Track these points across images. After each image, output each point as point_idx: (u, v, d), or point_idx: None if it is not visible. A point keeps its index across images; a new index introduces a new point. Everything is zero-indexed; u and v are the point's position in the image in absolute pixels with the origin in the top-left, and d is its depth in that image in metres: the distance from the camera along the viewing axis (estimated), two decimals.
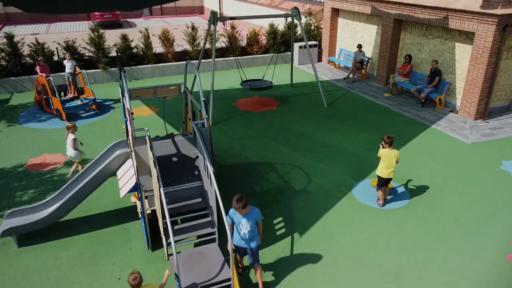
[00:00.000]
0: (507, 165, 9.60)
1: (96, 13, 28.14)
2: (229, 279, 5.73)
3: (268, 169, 9.53)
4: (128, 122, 6.45)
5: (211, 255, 6.18)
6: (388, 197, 8.33)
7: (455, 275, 6.35)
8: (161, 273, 6.42)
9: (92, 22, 29.08)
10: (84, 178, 7.27)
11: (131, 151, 6.81)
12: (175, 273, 5.52)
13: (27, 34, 26.90)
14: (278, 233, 7.37)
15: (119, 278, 6.35)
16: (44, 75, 12.43)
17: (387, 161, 7.68)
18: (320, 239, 7.18)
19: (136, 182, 6.54)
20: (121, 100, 7.75)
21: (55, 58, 15.72)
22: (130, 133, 6.42)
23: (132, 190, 6.69)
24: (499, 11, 10.71)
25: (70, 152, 8.90)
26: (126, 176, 6.93)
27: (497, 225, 7.49)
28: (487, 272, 6.42)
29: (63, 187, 7.34)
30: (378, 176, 7.94)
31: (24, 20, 32.15)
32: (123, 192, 6.76)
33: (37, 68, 12.65)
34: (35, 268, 6.61)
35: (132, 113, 6.54)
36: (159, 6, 35.16)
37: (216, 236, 6.48)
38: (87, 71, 15.33)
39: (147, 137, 6.19)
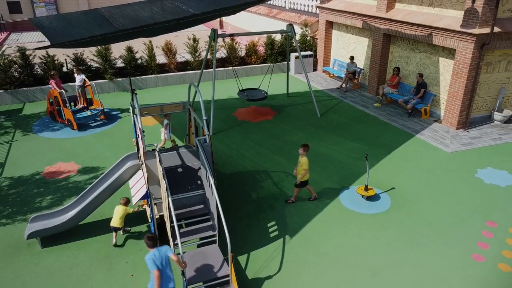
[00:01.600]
0: (482, 173, 10.52)
1: None
2: (228, 275, 6.66)
3: (264, 177, 10.46)
4: (140, 139, 7.38)
5: (212, 255, 7.12)
6: (371, 202, 9.27)
7: (425, 273, 7.27)
8: None
9: None
10: (99, 187, 8.20)
11: (142, 163, 7.74)
12: (182, 270, 6.44)
13: (33, 41, 27.89)
14: (272, 235, 8.30)
15: (132, 275, 7.28)
16: (58, 90, 13.32)
17: (308, 166, 8.89)
18: (308, 241, 8.10)
19: (146, 191, 7.47)
20: (132, 118, 8.67)
21: (64, 69, 16.65)
22: (141, 149, 7.35)
23: (143, 198, 7.62)
24: (476, 30, 11.64)
25: (164, 134, 10.47)
26: (138, 186, 7.85)
27: (466, 229, 8.41)
28: (454, 269, 7.34)
29: (84, 191, 8.26)
30: (302, 181, 9.04)
31: (29, 27, 33.09)
32: (135, 200, 7.69)
33: (52, 82, 13.56)
34: (57, 267, 7.53)
35: (143, 131, 7.47)
36: None
37: (217, 238, 7.41)
38: (94, 81, 16.28)
39: (157, 153, 7.12)
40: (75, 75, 14.17)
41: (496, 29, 11.83)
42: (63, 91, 13.39)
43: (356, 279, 7.15)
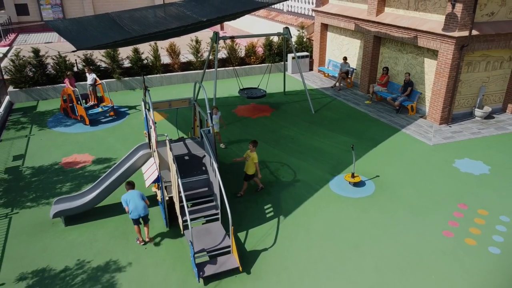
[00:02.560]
0: (459, 163, 11.61)
1: None
2: (229, 246, 7.75)
3: (261, 166, 11.52)
4: (152, 130, 8.46)
5: (215, 230, 8.20)
6: (357, 188, 10.35)
7: (400, 246, 8.35)
8: (176, 245, 8.43)
9: None
10: (115, 173, 9.28)
11: (153, 151, 8.82)
12: (190, 241, 7.52)
13: (41, 42, 28.96)
14: (267, 216, 9.37)
15: (145, 248, 8.35)
16: (72, 88, 14.44)
17: (256, 160, 9.68)
18: (299, 221, 9.19)
19: (158, 175, 8.54)
20: (144, 112, 9.74)
21: (75, 69, 17.74)
22: (153, 138, 8.43)
23: (155, 181, 8.69)
24: (456, 33, 12.72)
25: (217, 125, 11.98)
26: (150, 171, 8.93)
27: (440, 210, 9.49)
28: (426, 243, 8.41)
29: (102, 177, 9.34)
30: (249, 175, 9.81)
31: (37, 28, 34.17)
32: (147, 183, 8.76)
33: (66, 81, 14.68)
34: (80, 242, 8.61)
35: (155, 123, 8.55)
36: None
37: (219, 216, 8.49)
38: (103, 80, 17.34)
39: (167, 141, 8.20)
40: (87, 74, 15.27)
41: (475, 32, 12.91)
42: (76, 89, 14.48)
43: (341, 251, 8.23)
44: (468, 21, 12.69)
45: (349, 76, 18.30)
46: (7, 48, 26.82)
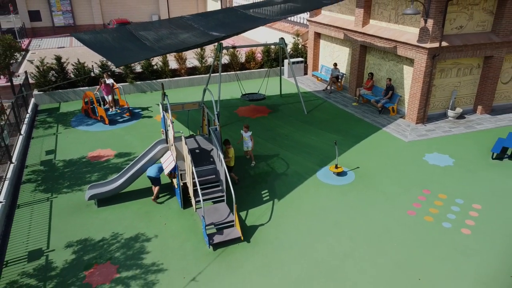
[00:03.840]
0: (428, 157, 13.57)
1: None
2: (233, 221, 9.72)
3: (259, 159, 13.50)
4: (170, 128, 10.42)
5: (221, 208, 10.17)
6: (340, 177, 12.31)
7: (372, 223, 10.30)
8: (190, 221, 10.38)
9: None
10: (138, 164, 11.24)
11: (171, 145, 10.78)
12: (202, 216, 9.47)
13: (53, 47, 30.91)
14: (264, 199, 11.33)
15: (165, 224, 10.31)
16: (97, 92, 16.46)
17: (232, 155, 11.38)
18: (291, 203, 11.14)
19: (174, 166, 10.50)
20: (162, 113, 11.68)
21: (92, 74, 19.70)
22: (171, 135, 10.38)
23: (172, 170, 10.65)
24: (428, 44, 14.68)
25: (248, 143, 12.73)
26: (167, 161, 10.89)
27: (407, 195, 11.45)
28: (392, 220, 10.37)
29: (127, 166, 11.28)
30: (230, 167, 11.44)
31: (49, 33, 36.11)
32: (166, 171, 10.72)
33: (102, 87, 16.70)
34: (110, 219, 10.57)
35: (173, 122, 10.51)
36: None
37: (224, 198, 10.45)
38: (118, 84, 19.29)
39: (183, 137, 10.17)
40: (105, 79, 17.20)
41: (445, 44, 14.87)
42: (97, 93, 16.46)
43: (323, 227, 10.19)
44: (439, 34, 14.65)
45: (339, 80, 20.26)
46: (23, 52, 28.75)
